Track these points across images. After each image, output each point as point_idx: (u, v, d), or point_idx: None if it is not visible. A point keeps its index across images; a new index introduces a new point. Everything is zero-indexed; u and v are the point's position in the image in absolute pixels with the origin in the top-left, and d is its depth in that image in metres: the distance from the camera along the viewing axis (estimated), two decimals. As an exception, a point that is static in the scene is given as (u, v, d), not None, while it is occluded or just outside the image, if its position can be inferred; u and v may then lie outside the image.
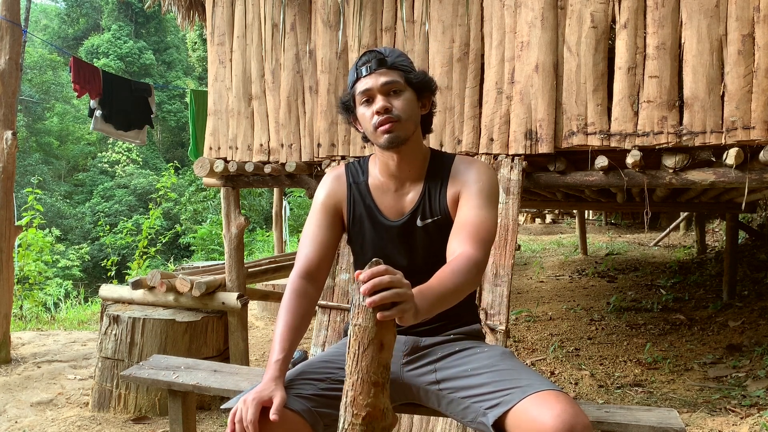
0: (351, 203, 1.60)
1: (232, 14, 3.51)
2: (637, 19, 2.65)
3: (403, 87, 1.48)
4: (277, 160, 3.40)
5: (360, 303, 1.07)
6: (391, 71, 1.48)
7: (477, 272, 1.33)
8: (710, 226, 9.57)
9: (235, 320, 3.59)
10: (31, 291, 6.77)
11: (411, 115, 1.50)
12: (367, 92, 1.48)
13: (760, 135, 2.47)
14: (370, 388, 1.07)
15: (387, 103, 1.46)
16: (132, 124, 6.18)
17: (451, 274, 1.27)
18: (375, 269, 1.07)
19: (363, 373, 1.07)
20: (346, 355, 1.10)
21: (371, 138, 1.52)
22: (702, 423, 2.92)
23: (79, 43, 26.31)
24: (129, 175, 21.78)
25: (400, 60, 1.51)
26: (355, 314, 1.08)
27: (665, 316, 5.13)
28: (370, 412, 1.08)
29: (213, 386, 2.00)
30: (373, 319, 1.06)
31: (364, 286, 1.05)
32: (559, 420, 1.19)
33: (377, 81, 1.46)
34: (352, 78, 1.53)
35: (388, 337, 1.08)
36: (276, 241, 7.70)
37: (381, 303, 1.05)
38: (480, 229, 1.42)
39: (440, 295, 1.21)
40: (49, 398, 3.40)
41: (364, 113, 1.50)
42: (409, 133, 1.50)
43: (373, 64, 1.47)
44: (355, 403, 1.08)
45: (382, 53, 1.49)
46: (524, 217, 13.80)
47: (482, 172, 1.53)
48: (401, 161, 1.54)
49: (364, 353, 1.07)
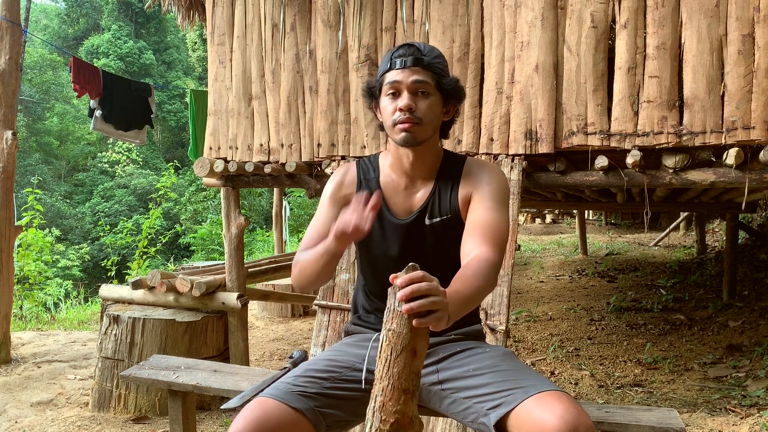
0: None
1: (232, 14, 3.51)
2: (637, 19, 2.65)
3: (433, 90, 1.47)
4: (277, 160, 3.40)
5: (395, 308, 1.04)
6: (424, 71, 1.46)
7: (495, 274, 1.34)
8: (710, 226, 9.57)
9: (235, 320, 3.58)
10: (31, 291, 6.77)
11: (433, 119, 1.49)
12: (395, 85, 1.47)
13: (760, 135, 2.47)
14: (401, 394, 1.05)
15: (412, 103, 1.45)
16: (132, 124, 6.18)
17: (474, 277, 1.27)
18: (413, 275, 1.05)
19: (394, 379, 1.04)
20: (377, 359, 1.07)
21: (388, 131, 1.52)
22: (702, 423, 2.92)
23: (79, 43, 26.31)
24: (129, 175, 21.78)
25: (437, 62, 1.49)
26: (389, 319, 1.05)
27: (665, 316, 5.13)
28: (399, 419, 1.05)
29: (213, 386, 2.00)
30: (408, 326, 1.04)
31: (401, 291, 1.03)
32: (562, 420, 1.19)
33: (408, 77, 1.45)
34: (384, 66, 1.51)
35: (421, 344, 1.06)
36: (276, 241, 7.70)
37: (418, 310, 1.03)
38: (495, 230, 1.43)
39: (466, 299, 1.21)
40: (49, 398, 3.40)
41: (387, 105, 1.49)
42: (426, 136, 1.49)
43: (409, 60, 1.46)
44: (384, 408, 1.05)
45: (420, 50, 1.47)
46: (524, 217, 13.80)
47: (495, 175, 1.54)
48: (416, 159, 1.54)
49: (397, 359, 1.04)
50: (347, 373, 1.48)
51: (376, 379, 1.07)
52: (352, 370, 1.49)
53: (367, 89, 1.56)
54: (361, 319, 1.68)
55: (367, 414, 1.09)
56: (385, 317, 1.07)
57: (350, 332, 1.70)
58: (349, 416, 1.46)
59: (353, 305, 1.74)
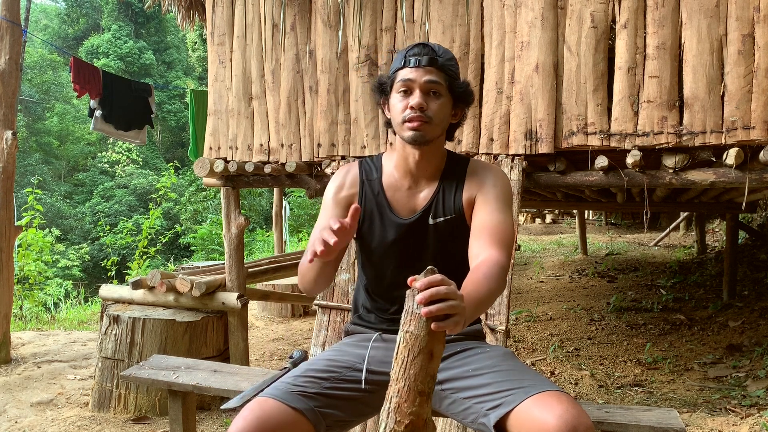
0: (363, 199, 1.60)
1: (232, 14, 3.51)
2: (637, 19, 2.65)
3: (444, 92, 1.48)
4: (277, 160, 3.40)
5: (414, 310, 1.05)
6: (438, 72, 1.47)
7: (505, 276, 1.35)
8: (710, 226, 9.57)
9: (235, 320, 3.59)
10: (31, 291, 6.77)
11: (442, 120, 1.50)
12: (408, 83, 1.47)
13: (760, 135, 2.46)
14: (416, 396, 1.06)
15: (423, 102, 1.46)
16: (132, 124, 6.18)
17: (485, 280, 1.27)
18: (432, 278, 1.06)
19: (410, 381, 1.05)
20: (393, 361, 1.08)
21: (396, 128, 1.52)
22: (702, 423, 2.92)
23: (79, 43, 26.31)
24: (129, 175, 21.78)
25: (450, 64, 1.51)
26: (407, 321, 1.06)
27: (665, 316, 5.13)
28: (414, 420, 1.06)
29: (213, 386, 2.00)
30: (426, 328, 1.04)
31: (420, 294, 1.04)
32: (562, 420, 1.19)
33: (422, 77, 1.46)
34: (397, 63, 1.52)
35: (438, 347, 1.07)
36: (276, 241, 7.70)
37: (437, 314, 1.03)
38: (502, 233, 1.44)
39: (479, 302, 1.22)
40: (49, 398, 3.40)
41: (397, 102, 1.50)
42: (435, 135, 1.50)
43: (424, 60, 1.47)
44: (399, 410, 1.06)
45: (435, 51, 1.49)
46: (524, 217, 13.80)
47: (499, 177, 1.55)
48: (421, 159, 1.54)
49: (414, 361, 1.05)
50: (347, 373, 1.48)
51: (392, 380, 1.08)
52: (352, 370, 1.49)
53: (378, 85, 1.57)
54: (361, 318, 1.68)
55: (381, 414, 1.09)
56: (403, 319, 1.07)
57: (350, 332, 1.70)
58: (349, 416, 1.46)
59: (353, 305, 1.74)
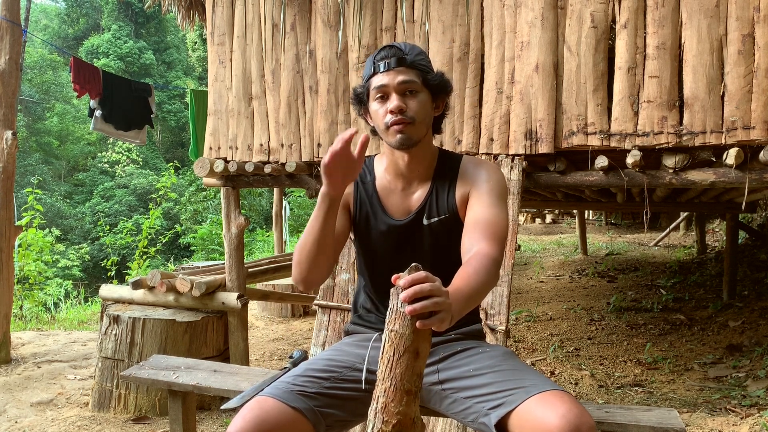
0: (357, 203, 1.60)
1: (232, 14, 3.51)
2: (637, 19, 2.65)
3: (420, 88, 1.47)
4: (277, 160, 3.40)
5: (398, 309, 1.04)
6: (409, 70, 1.46)
7: (497, 270, 1.33)
8: (710, 226, 9.57)
9: (235, 320, 3.58)
10: (31, 291, 6.77)
11: (425, 117, 1.48)
12: (383, 89, 1.46)
13: (760, 135, 2.46)
14: (403, 396, 1.05)
15: (402, 103, 1.44)
16: (132, 124, 6.18)
17: (475, 274, 1.26)
18: (415, 276, 1.04)
19: (396, 380, 1.04)
20: (380, 360, 1.07)
21: (382, 135, 1.51)
22: (702, 423, 2.92)
23: (79, 43, 26.31)
24: (129, 175, 21.79)
25: (420, 59, 1.48)
26: (392, 320, 1.05)
27: (665, 316, 5.12)
28: (401, 420, 1.05)
29: (213, 386, 2.00)
30: (410, 327, 1.03)
31: (404, 292, 1.03)
32: (564, 420, 1.18)
33: (394, 79, 1.44)
34: (368, 71, 1.50)
35: (423, 345, 1.06)
36: (276, 241, 7.70)
37: (421, 312, 1.02)
38: (494, 226, 1.42)
39: (468, 297, 1.20)
40: (49, 398, 3.40)
41: (377, 109, 1.48)
42: (421, 135, 1.49)
43: (393, 61, 1.45)
44: (386, 410, 1.05)
45: (402, 50, 1.47)
46: (524, 217, 13.79)
47: (492, 172, 1.53)
48: (411, 161, 1.53)
49: (399, 360, 1.04)
50: (347, 373, 1.48)
51: (378, 379, 1.07)
52: (352, 370, 1.49)
53: (354, 97, 1.55)
54: (361, 318, 1.68)
55: (369, 415, 1.08)
56: (388, 318, 1.06)
57: (350, 332, 1.70)
58: (349, 416, 1.46)
59: (353, 305, 1.74)
